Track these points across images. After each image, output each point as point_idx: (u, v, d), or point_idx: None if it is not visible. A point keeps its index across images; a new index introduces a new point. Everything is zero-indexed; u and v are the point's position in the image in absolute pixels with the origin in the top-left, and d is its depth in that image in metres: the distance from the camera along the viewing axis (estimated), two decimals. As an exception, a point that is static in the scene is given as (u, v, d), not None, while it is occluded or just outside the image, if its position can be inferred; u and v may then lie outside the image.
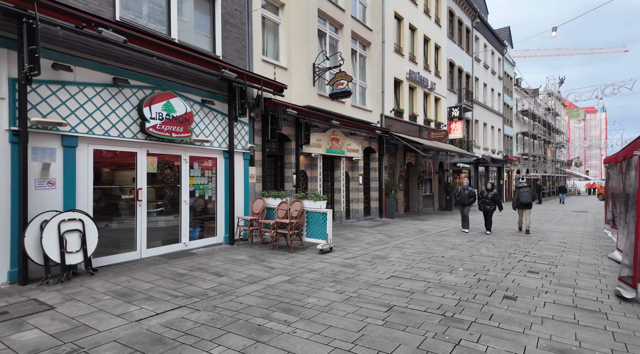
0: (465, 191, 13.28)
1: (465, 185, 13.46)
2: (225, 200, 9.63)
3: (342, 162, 14.92)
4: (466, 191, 13.25)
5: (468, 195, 13.18)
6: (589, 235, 12.92)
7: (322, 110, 12.76)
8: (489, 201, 12.86)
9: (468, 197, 13.16)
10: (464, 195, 13.25)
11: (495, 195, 12.81)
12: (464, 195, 13.25)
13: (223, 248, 9.26)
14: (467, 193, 13.21)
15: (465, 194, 13.26)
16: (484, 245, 10.61)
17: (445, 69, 24.01)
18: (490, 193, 12.88)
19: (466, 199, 13.19)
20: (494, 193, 12.85)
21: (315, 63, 12.24)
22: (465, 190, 13.29)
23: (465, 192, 13.26)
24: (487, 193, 12.94)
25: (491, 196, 12.81)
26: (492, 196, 12.79)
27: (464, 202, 13.23)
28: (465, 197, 13.23)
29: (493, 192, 12.88)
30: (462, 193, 13.32)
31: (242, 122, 10.19)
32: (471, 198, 13.12)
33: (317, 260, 8.32)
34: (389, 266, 7.88)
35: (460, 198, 13.34)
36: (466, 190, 13.27)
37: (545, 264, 8.28)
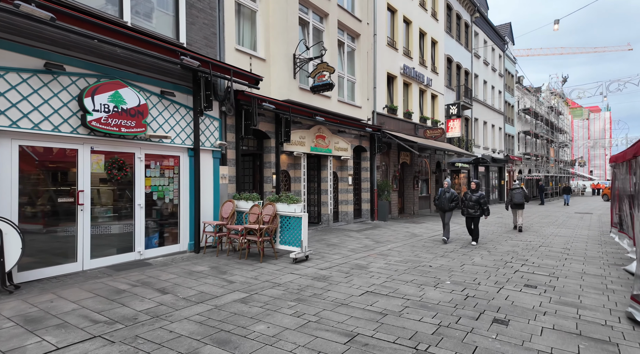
0: (446, 194, 11.11)
1: (447, 186, 11.13)
2: (190, 203, 8.69)
3: (329, 161, 13.98)
4: (447, 194, 11.07)
5: (449, 198, 11.00)
6: (594, 240, 11.93)
7: (304, 105, 11.82)
8: (473, 205, 10.75)
9: (449, 201, 10.99)
10: (444, 198, 11.07)
11: (481, 197, 10.66)
12: (444, 199, 11.08)
13: (185, 257, 8.32)
14: (449, 197, 11.01)
15: (445, 198, 11.07)
16: (478, 252, 9.64)
17: (442, 65, 23.03)
18: (475, 195, 10.76)
19: (447, 203, 11.02)
20: (479, 195, 10.71)
21: (296, 54, 11.30)
22: (446, 192, 11.11)
23: (446, 195, 11.09)
24: (470, 195, 10.86)
25: (475, 198, 10.71)
26: (477, 199, 10.68)
27: (444, 207, 11.04)
28: (445, 201, 11.05)
29: (478, 194, 10.74)
30: (442, 196, 11.15)
31: (211, 116, 9.25)
32: (453, 203, 10.94)
33: (288, 270, 7.37)
34: (366, 278, 6.93)
35: (439, 202, 11.17)
36: (447, 192, 11.09)
37: (545, 275, 7.31)
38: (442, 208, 11.12)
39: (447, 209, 11.01)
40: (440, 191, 11.29)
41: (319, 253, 9.25)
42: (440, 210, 11.23)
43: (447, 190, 11.14)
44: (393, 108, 17.89)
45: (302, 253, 8.14)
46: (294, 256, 7.98)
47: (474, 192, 10.88)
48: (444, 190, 11.18)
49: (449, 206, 10.97)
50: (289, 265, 7.80)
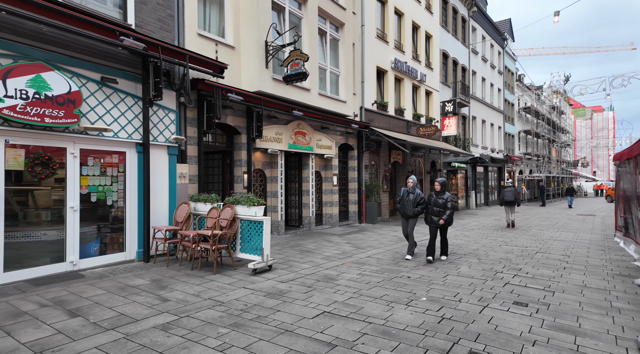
0: (409, 195, 8.60)
1: (411, 185, 8.68)
2: (139, 205, 7.71)
3: (310, 159, 12.97)
4: (411, 195, 8.58)
5: (414, 201, 8.51)
6: (596, 245, 10.88)
7: (279, 97, 10.82)
8: (439, 211, 8.37)
9: (413, 204, 8.50)
10: (408, 201, 8.56)
11: (448, 200, 8.35)
12: (407, 202, 8.56)
13: (130, 267, 7.33)
14: (413, 199, 8.53)
15: (409, 200, 8.56)
16: (466, 260, 8.61)
17: (437, 60, 22.01)
18: (441, 198, 8.38)
19: (410, 208, 8.52)
20: (446, 198, 8.37)
21: (269, 41, 10.30)
22: (409, 193, 8.62)
23: (409, 197, 8.57)
24: (435, 198, 8.46)
25: (442, 202, 8.37)
26: (444, 203, 8.36)
27: (407, 212, 8.57)
28: (408, 205, 8.54)
29: (445, 196, 8.39)
30: (404, 198, 8.65)
31: (165, 107, 8.27)
32: (418, 207, 8.50)
33: (242, 284, 6.37)
34: (330, 293, 5.92)
35: (401, 205, 8.69)
36: (411, 193, 8.60)
37: (539, 289, 6.29)
38: (404, 213, 8.63)
39: (410, 215, 8.55)
40: (402, 191, 8.78)
41: (287, 261, 8.25)
42: (402, 215, 8.78)
43: (411, 190, 8.65)
44: (383, 104, 16.88)
45: (264, 263, 7.13)
46: (253, 267, 6.98)
47: (439, 195, 8.43)
48: (407, 190, 8.69)
49: (413, 211, 8.52)
50: (246, 277, 6.80)
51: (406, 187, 8.84)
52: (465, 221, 17.43)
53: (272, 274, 7.09)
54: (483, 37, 29.10)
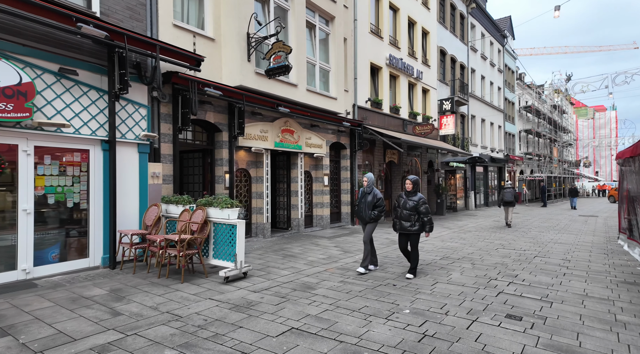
0: (366, 196, 7.20)
1: (366, 184, 7.28)
2: (105, 207, 7.15)
3: (299, 159, 12.40)
4: (368, 196, 7.18)
5: (370, 203, 7.15)
6: (599, 248, 10.28)
7: (263, 93, 10.26)
8: (409, 215, 6.88)
9: (369, 207, 7.15)
10: (365, 203, 7.19)
11: (421, 202, 6.87)
12: (365, 204, 7.19)
13: (93, 274, 6.77)
14: (370, 201, 7.16)
15: (366, 202, 7.18)
16: (459, 265, 8.03)
17: (435, 57, 21.43)
18: (412, 200, 6.88)
19: (366, 211, 7.18)
20: (417, 200, 6.87)
21: (251, 33, 9.74)
22: (366, 194, 7.22)
23: (366, 198, 7.19)
24: (405, 200, 6.97)
25: (412, 205, 6.84)
26: (415, 206, 6.85)
27: (364, 216, 7.26)
28: (364, 207, 7.19)
29: (417, 197, 6.90)
30: (361, 200, 7.28)
31: (135, 102, 7.71)
32: (376, 210, 7.16)
33: (209, 295, 5.81)
34: (304, 305, 5.35)
35: (358, 208, 7.38)
36: (368, 194, 7.20)
37: (535, 299, 5.70)
38: (360, 217, 7.35)
39: (368, 219, 7.22)
40: (360, 192, 7.40)
41: (266, 267, 7.69)
42: (360, 220, 7.45)
43: (368, 190, 7.20)
44: (377, 102, 16.30)
45: (237, 270, 6.56)
46: (225, 275, 6.41)
47: (410, 196, 6.94)
48: (364, 191, 7.27)
49: (371, 215, 7.14)
50: (216, 287, 6.23)
51: (362, 187, 7.42)
52: (463, 222, 16.84)
53: (246, 282, 6.52)
54: (482, 34, 28.51)
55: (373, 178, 7.40)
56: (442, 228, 14.51)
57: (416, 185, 7.04)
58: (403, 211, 6.96)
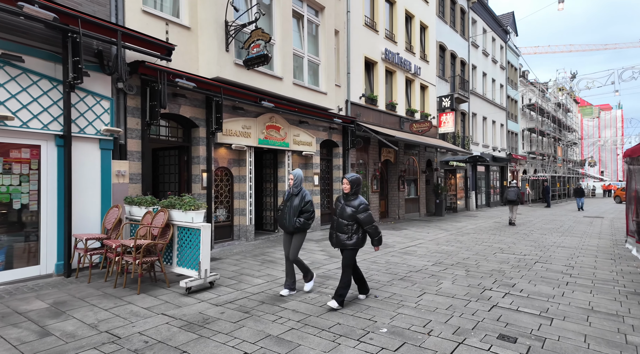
0: (292, 198, 5.76)
1: (294, 182, 5.77)
2: (59, 209, 6.50)
3: (287, 157, 11.72)
4: (295, 199, 5.74)
5: (297, 207, 5.67)
6: (605, 252, 9.55)
7: (243, 85, 9.59)
8: (346, 225, 5.31)
9: (295, 213, 5.66)
10: (290, 208, 5.69)
11: (360, 209, 5.28)
12: (290, 209, 5.69)
13: (42, 284, 6.12)
14: (297, 205, 5.68)
15: (291, 207, 5.69)
16: (451, 272, 7.33)
17: (434, 53, 20.69)
18: (350, 205, 5.34)
19: (290, 218, 5.66)
20: (357, 206, 5.31)
21: (229, 20, 9.07)
22: (292, 196, 5.77)
23: (291, 201, 5.74)
24: (342, 204, 5.43)
25: (350, 212, 5.29)
26: (353, 214, 5.28)
27: (287, 225, 5.70)
28: (288, 213, 5.69)
29: (357, 202, 5.34)
30: (286, 204, 5.78)
31: (97, 94, 7.06)
32: (302, 216, 5.67)
33: (163, 309, 5.14)
34: (267, 323, 4.68)
35: (280, 214, 5.82)
36: (295, 196, 5.76)
37: (533, 314, 5.00)
38: (283, 225, 5.74)
39: (291, 229, 5.67)
40: (286, 193, 5.90)
41: (240, 275, 7.01)
42: (283, 229, 5.84)
43: (295, 190, 5.75)
44: (372, 98, 15.59)
45: (201, 280, 5.89)
46: (186, 285, 5.74)
47: (348, 199, 5.38)
48: (289, 192, 5.81)
49: (294, 223, 5.62)
50: (176, 299, 5.56)
51: (289, 189, 5.84)
52: (462, 224, 16.12)
53: (210, 293, 5.85)
54: (484, 29, 27.72)
55: (301, 175, 5.87)
56: (439, 230, 13.80)
57: (356, 185, 5.39)
58: (339, 220, 5.34)
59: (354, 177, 5.40)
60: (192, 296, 5.68)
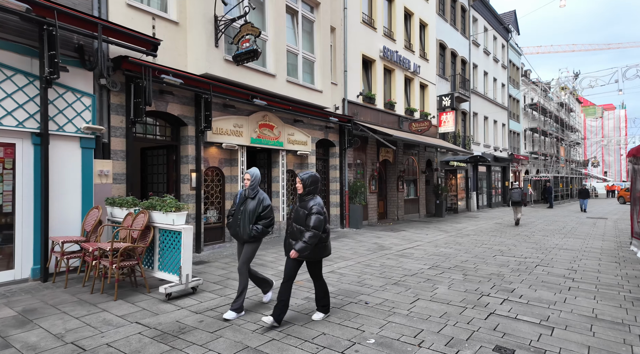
0: (246, 201, 4.98)
1: (250, 183, 4.95)
2: (35, 211, 6.21)
3: (281, 156, 11.42)
4: (250, 202, 4.94)
5: (253, 212, 4.89)
6: (609, 255, 9.20)
7: (234, 82, 9.29)
8: (300, 231, 4.56)
9: (251, 219, 4.87)
10: (245, 213, 4.90)
11: (313, 210, 4.50)
12: (245, 214, 4.91)
13: (16, 289, 5.83)
14: (252, 209, 4.89)
15: (246, 212, 4.90)
16: (448, 276, 7.00)
17: (434, 51, 20.35)
18: (305, 206, 4.61)
19: (245, 224, 4.87)
20: (310, 208, 4.54)
21: (218, 15, 8.77)
22: (247, 198, 4.99)
23: (247, 206, 4.92)
24: (297, 208, 4.70)
25: (303, 215, 4.58)
26: (307, 215, 4.54)
27: (239, 233, 4.93)
28: (243, 219, 4.90)
29: (310, 205, 4.56)
30: (239, 208, 5.00)
31: (77, 90, 6.77)
32: (259, 224, 4.89)
33: (139, 317, 4.83)
34: (247, 333, 4.37)
35: (233, 220, 5.03)
36: (250, 199, 4.96)
37: (533, 323, 4.67)
38: (236, 233, 4.95)
39: (245, 237, 4.86)
40: (238, 197, 5.10)
41: (227, 279, 6.71)
42: (235, 238, 5.04)
43: (251, 193, 4.94)
44: (370, 96, 15.27)
45: (182, 285, 5.59)
46: (166, 291, 5.44)
47: (302, 200, 4.67)
48: (243, 194, 5.03)
49: (250, 231, 4.83)
50: (154, 305, 5.26)
51: (242, 189, 5.09)
52: (462, 225, 15.77)
53: (192, 299, 5.54)
54: (485, 28, 27.36)
55: (259, 175, 5.02)
56: (438, 232, 13.47)
57: (310, 184, 4.61)
58: (293, 224, 4.62)
59: (308, 174, 4.69)
60: (172, 302, 5.38)
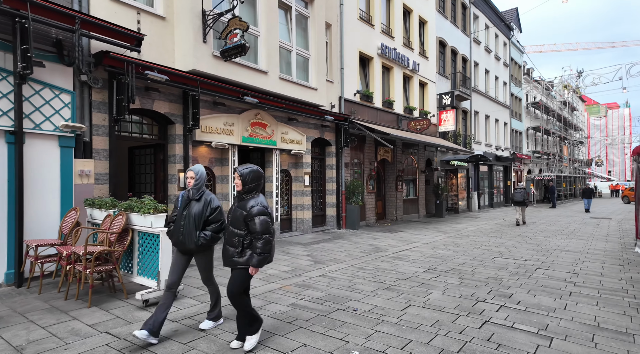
0: (190, 204, 4.16)
1: (194, 182, 4.17)
2: (10, 213, 5.94)
3: (274, 156, 11.13)
4: (195, 205, 4.14)
5: (201, 216, 4.10)
6: (613, 257, 8.87)
7: (223, 79, 9.01)
8: (239, 234, 3.81)
9: (197, 224, 4.07)
10: (189, 218, 4.08)
11: (254, 211, 3.73)
12: (189, 219, 4.08)
13: (-14, 293, 5.55)
14: (198, 213, 4.09)
15: (190, 217, 4.08)
16: (443, 280, 6.69)
17: (434, 48, 20.02)
18: (242, 208, 3.82)
19: (190, 231, 4.05)
20: (249, 209, 3.75)
21: (206, 9, 8.49)
22: (195, 201, 4.17)
23: (191, 210, 4.11)
24: (235, 207, 3.91)
25: (241, 216, 3.80)
26: (244, 218, 3.78)
27: (184, 241, 4.09)
28: (190, 224, 4.07)
29: (250, 205, 3.78)
30: (182, 212, 4.15)
31: (55, 86, 6.51)
32: (211, 227, 4.14)
33: (110, 326, 4.55)
34: (221, 344, 4.08)
35: (175, 226, 4.18)
36: (198, 201, 4.16)
37: (530, 333, 4.36)
38: (180, 242, 4.14)
39: (191, 246, 4.10)
40: (180, 199, 4.27)
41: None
42: (178, 247, 4.22)
43: (196, 194, 4.18)
44: (368, 95, 14.96)
45: (160, 291, 5.30)
46: (142, 297, 5.15)
47: (241, 199, 3.89)
48: (186, 196, 4.24)
49: (197, 238, 4.07)
50: (129, 313, 4.97)
51: (185, 190, 4.28)
52: (462, 225, 15.44)
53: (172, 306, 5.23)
54: (486, 25, 26.99)
55: (204, 173, 4.26)
56: (437, 232, 13.15)
57: (251, 181, 3.80)
58: (230, 227, 3.87)
59: (249, 169, 3.83)
60: (149, 309, 5.09)
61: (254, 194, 3.90)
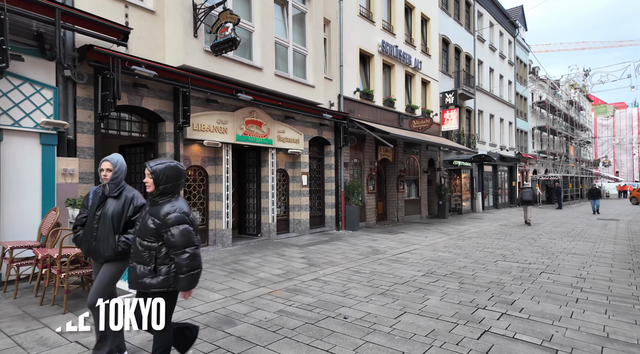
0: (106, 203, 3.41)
1: (111, 175, 3.41)
2: (-15, 213, 5.66)
3: (270, 155, 10.83)
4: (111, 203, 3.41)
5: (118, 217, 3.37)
6: (621, 261, 8.48)
7: (216, 75, 8.73)
8: (148, 249, 2.95)
9: (116, 228, 3.35)
10: (105, 219, 3.34)
11: (170, 220, 2.89)
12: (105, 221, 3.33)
13: (-43, 298, 5.28)
14: (116, 213, 3.36)
15: (106, 218, 3.35)
16: (442, 285, 6.35)
17: (436, 46, 19.65)
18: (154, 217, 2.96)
19: (105, 236, 3.33)
20: (163, 216, 2.91)
21: (197, 3, 8.20)
22: (113, 198, 3.43)
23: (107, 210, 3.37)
24: (145, 212, 3.06)
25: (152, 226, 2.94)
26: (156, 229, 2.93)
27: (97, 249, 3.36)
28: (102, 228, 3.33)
29: (165, 211, 2.93)
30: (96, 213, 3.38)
31: (36, 81, 6.25)
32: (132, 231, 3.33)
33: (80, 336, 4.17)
34: (197, 354, 3.77)
35: (86, 230, 3.40)
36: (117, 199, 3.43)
37: (533, 344, 4.02)
38: (93, 250, 3.39)
39: (109, 254, 3.33)
40: (91, 195, 3.52)
41: (198, 288, 6.01)
42: (91, 255, 3.54)
43: (114, 191, 3.43)
44: (368, 93, 14.63)
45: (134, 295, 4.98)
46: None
47: (156, 202, 3.01)
48: (98, 190, 3.51)
49: (115, 246, 3.32)
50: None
51: (100, 186, 3.53)
52: (465, 227, 15.07)
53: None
54: (491, 23, 26.55)
55: (124, 165, 3.56)
56: (438, 234, 12.79)
57: (167, 180, 3.00)
58: (138, 239, 3.02)
59: (165, 165, 3.04)
60: (127, 316, 4.78)
61: (170, 197, 3.02)
